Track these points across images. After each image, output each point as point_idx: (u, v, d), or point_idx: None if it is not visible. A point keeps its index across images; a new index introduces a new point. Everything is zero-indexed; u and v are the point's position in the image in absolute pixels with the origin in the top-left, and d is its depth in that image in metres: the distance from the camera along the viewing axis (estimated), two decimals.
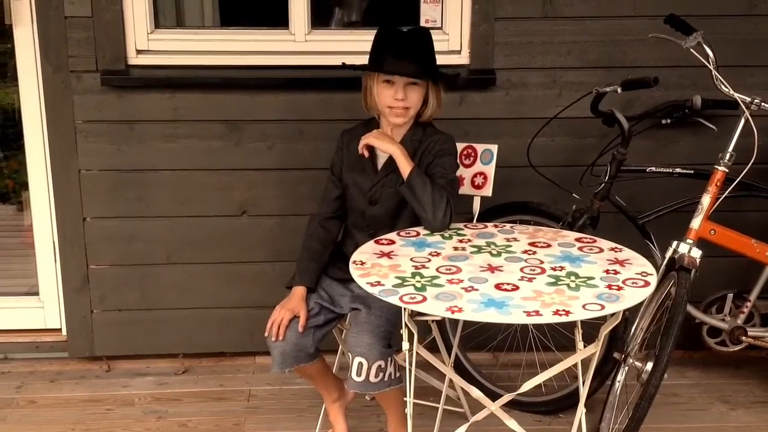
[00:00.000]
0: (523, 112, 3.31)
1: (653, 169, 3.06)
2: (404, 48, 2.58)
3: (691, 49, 2.79)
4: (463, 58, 3.32)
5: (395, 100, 2.58)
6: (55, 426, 3.08)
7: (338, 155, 2.78)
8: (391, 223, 2.70)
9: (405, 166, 2.56)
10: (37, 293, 3.56)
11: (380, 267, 2.29)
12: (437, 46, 3.26)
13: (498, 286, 2.13)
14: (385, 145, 2.60)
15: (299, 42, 3.29)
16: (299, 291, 2.65)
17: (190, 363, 3.54)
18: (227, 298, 3.47)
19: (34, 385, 3.39)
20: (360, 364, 2.42)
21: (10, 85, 3.95)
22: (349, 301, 2.65)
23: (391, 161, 2.65)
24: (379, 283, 2.16)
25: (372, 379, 2.43)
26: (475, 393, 2.45)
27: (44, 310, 3.56)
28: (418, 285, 2.14)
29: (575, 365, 2.34)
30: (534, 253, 2.39)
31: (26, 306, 3.57)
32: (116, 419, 3.13)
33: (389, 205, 2.69)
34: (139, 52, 3.26)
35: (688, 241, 2.82)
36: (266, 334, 2.58)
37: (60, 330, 3.56)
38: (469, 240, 2.51)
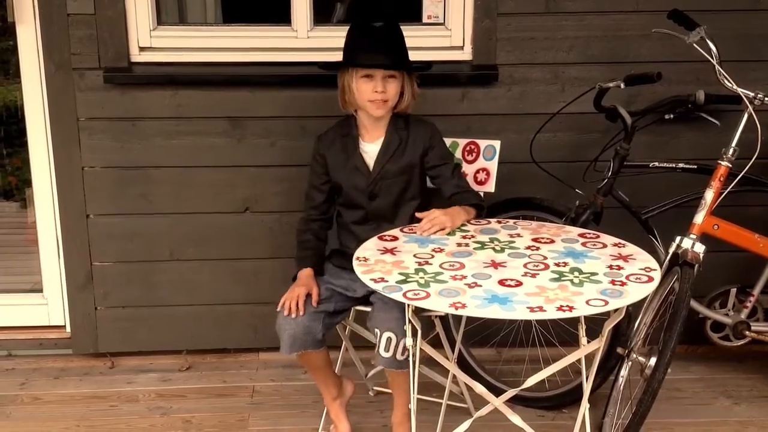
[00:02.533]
0: (526, 108, 3.31)
1: (656, 164, 3.07)
2: (379, 42, 2.65)
3: (694, 44, 2.79)
4: (466, 54, 3.32)
5: (375, 93, 2.63)
6: (59, 422, 3.09)
7: (318, 161, 2.80)
8: (393, 214, 2.74)
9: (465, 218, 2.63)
10: (40, 290, 3.57)
11: (383, 263, 2.29)
12: (440, 42, 3.31)
13: (501, 282, 2.14)
14: (456, 223, 2.60)
15: (301, 39, 3.30)
16: (306, 271, 2.70)
17: (193, 359, 3.55)
18: (230, 295, 3.47)
19: (38, 382, 3.39)
20: (389, 339, 2.43)
21: (12, 82, 3.96)
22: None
23: (383, 154, 2.71)
24: (382, 280, 2.17)
25: (398, 356, 2.44)
26: (479, 388, 2.45)
27: (48, 307, 3.56)
28: (422, 281, 2.15)
29: (579, 361, 2.34)
30: (537, 249, 2.40)
31: (30, 303, 3.58)
32: (120, 415, 3.14)
33: (389, 196, 2.73)
34: (141, 49, 3.26)
35: (692, 236, 2.81)
36: (284, 312, 2.57)
37: (64, 327, 3.57)
38: (473, 236, 2.51)
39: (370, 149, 2.74)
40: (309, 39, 3.30)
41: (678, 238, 2.83)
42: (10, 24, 3.33)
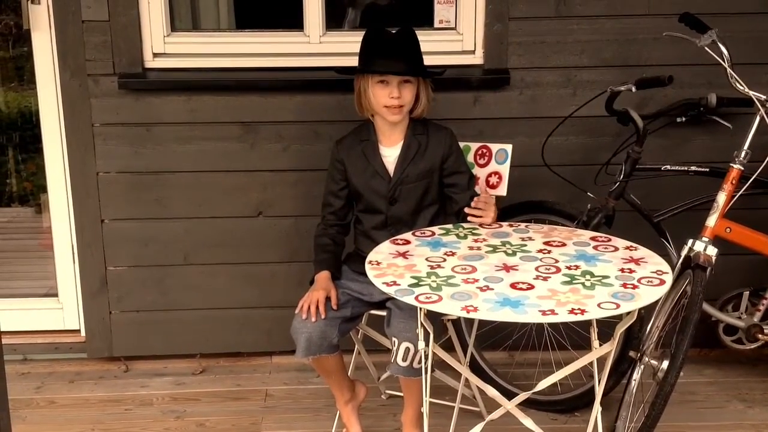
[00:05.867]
0: (538, 112, 3.32)
1: (668, 167, 3.07)
2: (394, 48, 2.67)
3: (706, 48, 2.79)
4: (477, 58, 3.33)
5: (391, 99, 2.65)
6: (74, 426, 3.11)
7: (336, 167, 2.82)
8: (412, 220, 2.75)
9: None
10: (56, 295, 3.59)
11: (396, 267, 2.30)
12: (451, 47, 3.33)
13: (513, 285, 2.14)
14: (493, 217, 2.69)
15: (314, 44, 3.31)
16: (324, 274, 2.70)
17: (207, 363, 3.57)
18: (244, 299, 3.49)
19: (53, 386, 3.42)
20: (407, 349, 2.45)
21: (27, 88, 3.99)
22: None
23: (403, 158, 2.73)
24: (395, 283, 2.18)
25: (415, 365, 2.46)
26: (491, 392, 2.46)
27: (63, 311, 3.59)
28: (434, 285, 2.16)
29: (591, 364, 2.34)
30: (549, 252, 2.40)
31: (45, 307, 3.60)
32: (135, 419, 3.16)
33: (409, 201, 2.74)
34: (155, 55, 3.29)
35: (704, 239, 2.81)
36: (302, 315, 2.57)
37: (79, 331, 3.59)
38: (485, 239, 2.52)
39: (390, 153, 2.76)
40: (321, 44, 3.31)
41: (690, 241, 2.83)
42: (25, 31, 3.36)
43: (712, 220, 2.84)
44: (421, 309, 2.23)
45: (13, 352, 3.55)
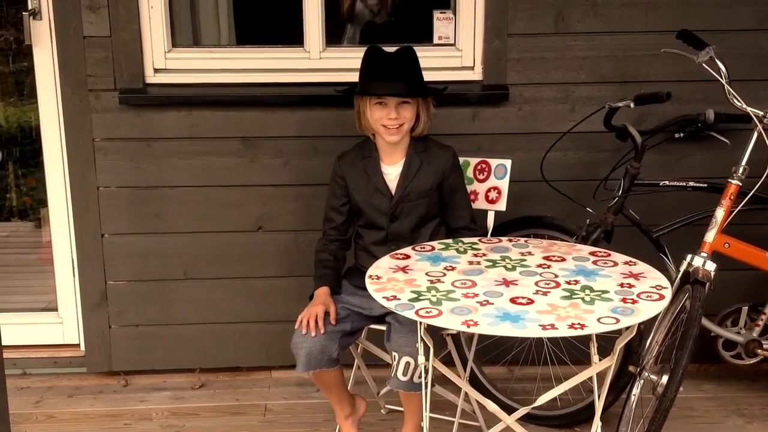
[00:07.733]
0: (537, 127, 3.33)
1: (667, 182, 3.08)
2: (392, 69, 2.68)
3: (704, 64, 2.80)
4: (476, 74, 3.35)
5: (389, 120, 2.66)
6: None
7: (338, 183, 2.83)
8: (412, 236, 2.76)
9: None
10: (55, 309, 3.59)
11: (396, 281, 2.31)
12: (450, 63, 3.34)
13: (513, 300, 2.15)
14: None
15: (314, 59, 3.33)
16: (323, 290, 2.71)
17: (206, 377, 3.56)
18: (243, 313, 3.49)
19: (52, 400, 3.41)
20: (407, 364, 2.45)
21: (28, 103, 4.01)
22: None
23: (404, 176, 2.73)
24: (395, 297, 2.19)
25: (415, 379, 2.47)
26: (491, 406, 2.46)
27: (63, 325, 3.59)
28: (434, 299, 2.16)
29: (590, 379, 2.34)
30: (548, 267, 2.41)
31: (45, 322, 3.60)
32: None
33: (410, 218, 2.75)
34: (156, 70, 3.30)
35: (703, 254, 2.82)
36: (301, 330, 2.58)
37: (78, 345, 3.59)
38: (484, 254, 2.53)
39: (391, 171, 2.77)
40: (321, 60, 3.33)
41: (689, 257, 2.83)
42: (26, 46, 3.37)
43: (710, 236, 2.85)
44: (421, 323, 2.24)
45: (12, 366, 3.54)
